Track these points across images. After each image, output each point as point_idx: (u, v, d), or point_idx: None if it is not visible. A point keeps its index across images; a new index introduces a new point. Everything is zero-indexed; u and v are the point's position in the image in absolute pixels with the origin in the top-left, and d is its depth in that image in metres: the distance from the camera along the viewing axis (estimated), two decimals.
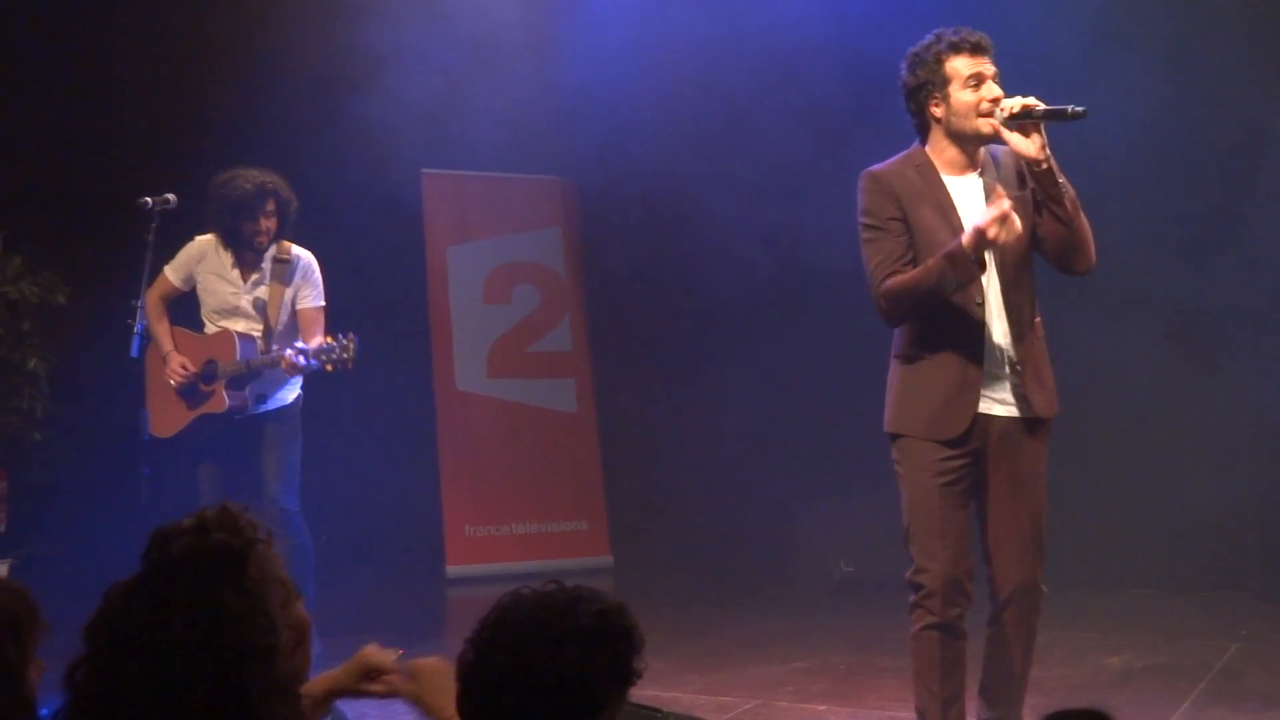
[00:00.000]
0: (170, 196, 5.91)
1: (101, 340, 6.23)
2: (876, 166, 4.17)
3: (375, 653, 2.67)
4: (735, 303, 8.47)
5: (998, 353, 4.04)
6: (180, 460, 6.15)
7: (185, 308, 6.31)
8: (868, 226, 4.10)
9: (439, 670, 2.55)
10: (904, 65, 4.11)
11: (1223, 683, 5.57)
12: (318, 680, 2.61)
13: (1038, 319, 4.12)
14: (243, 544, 1.98)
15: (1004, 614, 4.10)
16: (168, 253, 6.09)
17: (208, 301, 6.19)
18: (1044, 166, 3.91)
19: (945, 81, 4.01)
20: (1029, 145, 3.89)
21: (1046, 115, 3.87)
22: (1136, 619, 6.82)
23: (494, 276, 9.09)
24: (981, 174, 4.10)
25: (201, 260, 6.20)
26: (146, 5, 8.52)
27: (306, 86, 8.09)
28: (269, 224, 6.09)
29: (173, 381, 6.06)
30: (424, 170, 8.96)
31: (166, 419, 6.15)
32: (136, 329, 5.62)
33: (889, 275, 4.04)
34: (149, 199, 5.86)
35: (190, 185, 6.29)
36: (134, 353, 5.63)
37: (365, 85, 7.91)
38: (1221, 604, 7.04)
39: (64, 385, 7.79)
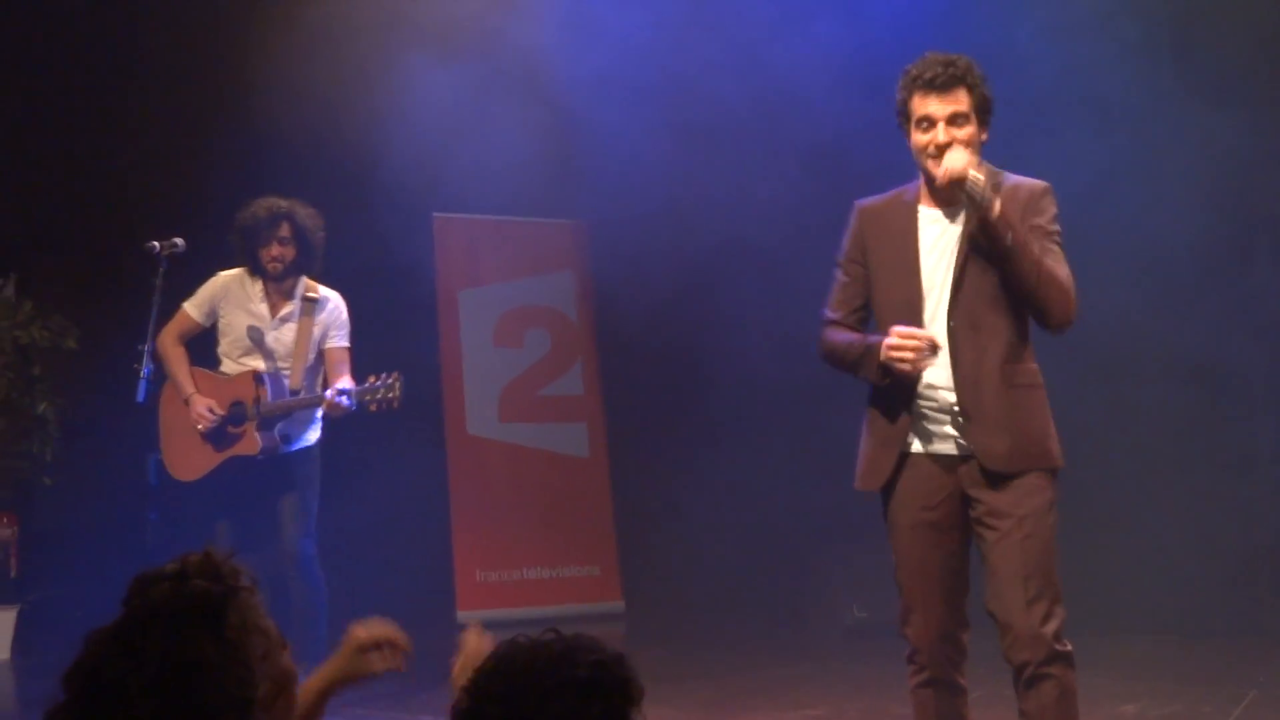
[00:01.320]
0: (178, 241, 5.89)
1: (111, 385, 6.22)
2: (865, 200, 4.09)
3: (365, 628, 2.59)
4: (749, 346, 8.43)
5: (939, 399, 3.82)
6: (197, 503, 6.05)
7: (198, 346, 6.24)
8: (836, 263, 4.10)
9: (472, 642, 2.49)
10: None
11: None
12: (309, 682, 2.54)
13: (1023, 365, 3.82)
14: (223, 591, 1.95)
15: (1017, 671, 3.78)
16: (176, 297, 6.07)
17: (229, 335, 6.11)
18: (990, 220, 3.70)
19: (907, 118, 3.87)
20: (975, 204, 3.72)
21: (969, 197, 3.72)
22: (1153, 665, 6.74)
23: (505, 320, 9.09)
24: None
25: (226, 294, 6.14)
26: (156, 51, 8.57)
27: (317, 130, 8.11)
28: (283, 250, 6.06)
29: (200, 427, 5.97)
30: (435, 214, 8.98)
31: (189, 462, 6.04)
32: (143, 374, 5.60)
33: (827, 324, 4.05)
34: (156, 243, 5.84)
35: (199, 230, 6.29)
36: (140, 398, 5.60)
37: (376, 129, 7.94)
38: (1239, 649, 6.95)
39: (73, 430, 7.79)
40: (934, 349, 3.76)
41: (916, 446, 3.88)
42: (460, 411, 8.85)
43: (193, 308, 6.15)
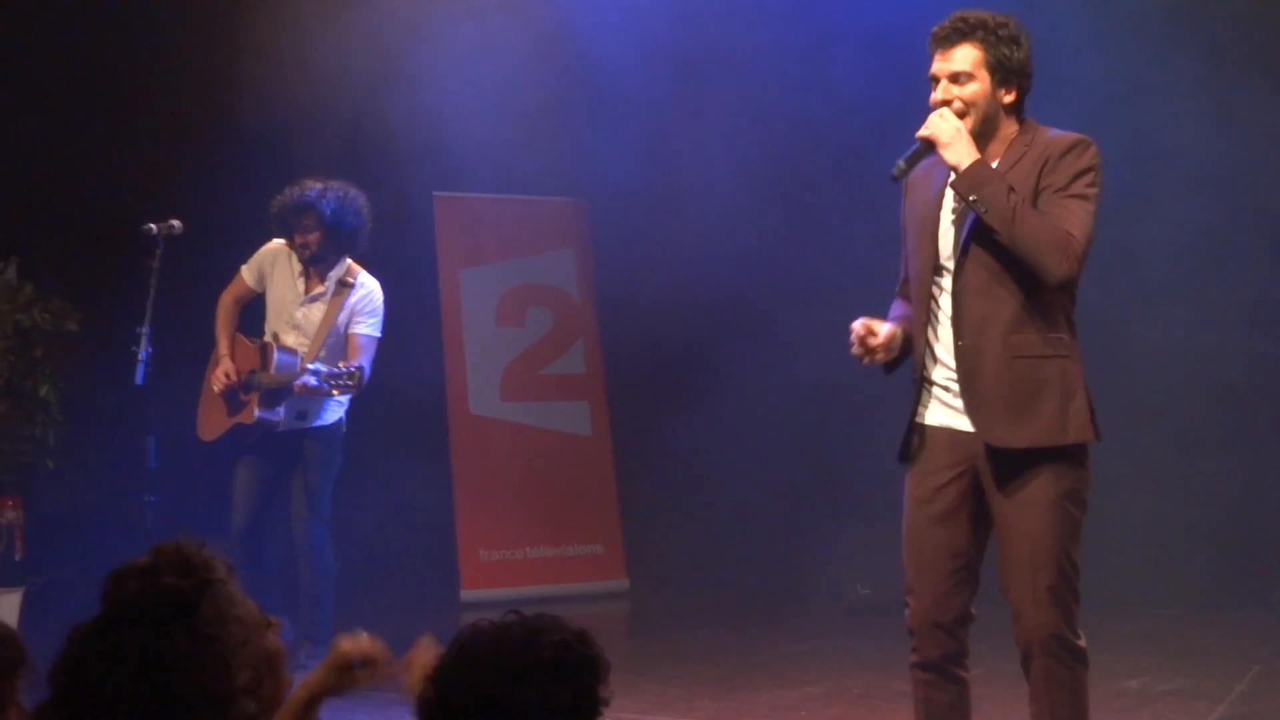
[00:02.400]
0: (175, 223, 5.92)
1: (111, 367, 6.23)
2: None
3: (352, 643, 2.57)
4: (752, 324, 8.41)
5: (947, 369, 3.76)
6: (219, 480, 6.35)
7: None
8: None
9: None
10: None
11: (1244, 705, 5.49)
12: (297, 689, 2.53)
13: (1036, 335, 3.66)
14: (194, 585, 1.94)
15: (1024, 662, 3.71)
16: (174, 279, 6.07)
17: (270, 305, 6.37)
18: (955, 177, 3.65)
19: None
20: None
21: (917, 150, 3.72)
22: (1157, 640, 6.74)
23: (507, 299, 9.06)
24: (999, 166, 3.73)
25: (274, 263, 6.39)
26: (156, 32, 8.54)
27: (317, 111, 8.09)
28: (307, 238, 6.23)
29: (215, 387, 6.25)
30: (436, 193, 8.95)
31: (209, 423, 6.38)
32: (141, 356, 5.62)
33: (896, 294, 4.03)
34: (154, 225, 5.88)
35: (200, 211, 6.31)
36: (139, 380, 5.62)
37: (375, 109, 7.91)
38: (1244, 624, 6.96)
39: (75, 413, 7.78)
40: (866, 342, 3.76)
41: (931, 419, 3.81)
42: (462, 391, 8.84)
43: (246, 270, 6.43)
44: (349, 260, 6.37)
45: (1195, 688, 5.75)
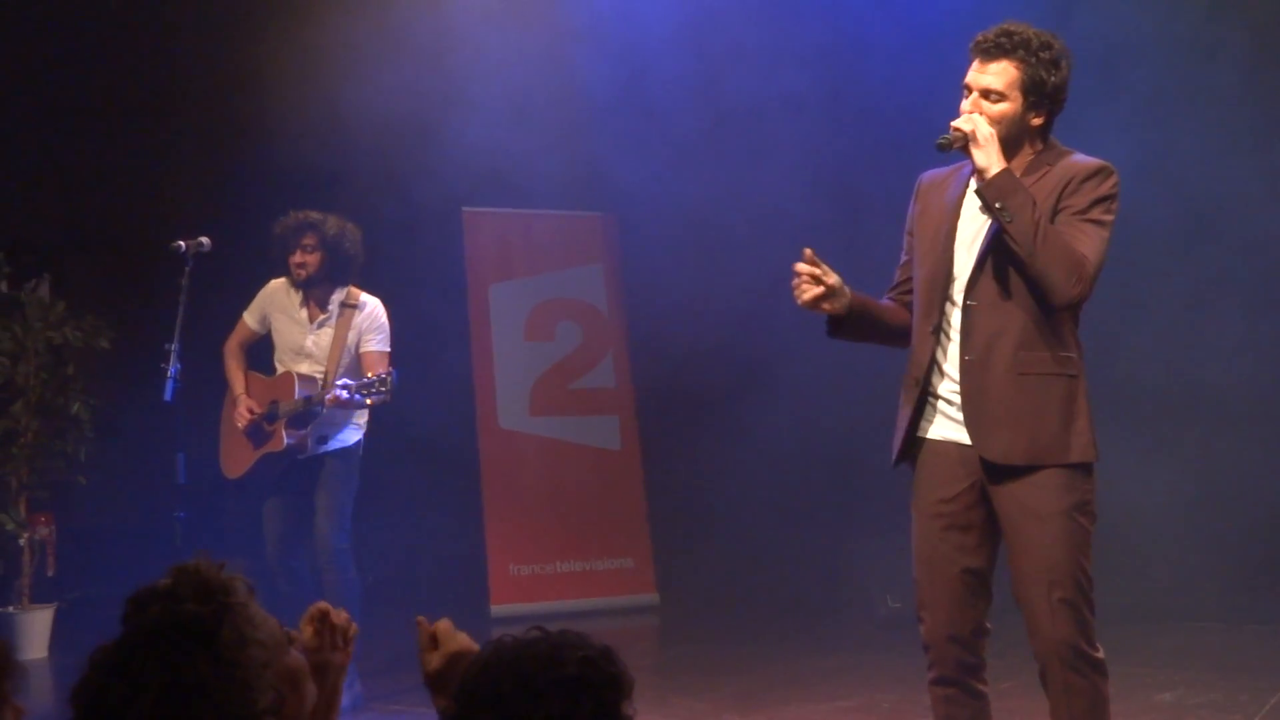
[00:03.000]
0: (204, 240, 5.94)
1: (141, 384, 6.26)
2: (928, 172, 3.98)
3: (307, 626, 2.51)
4: (780, 336, 8.39)
5: (953, 382, 3.73)
6: (243, 497, 6.41)
7: (261, 354, 6.53)
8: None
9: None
10: None
11: (1277, 718, 5.43)
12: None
13: (1044, 354, 3.63)
14: (214, 610, 1.93)
15: (1042, 675, 3.67)
16: (203, 296, 6.10)
17: (278, 343, 6.42)
18: (981, 182, 3.61)
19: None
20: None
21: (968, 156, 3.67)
22: (1191, 654, 6.67)
23: (536, 314, 9.07)
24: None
25: (273, 301, 6.43)
26: (187, 52, 8.60)
27: (347, 128, 8.12)
28: (307, 258, 6.25)
29: (239, 424, 6.30)
30: (465, 208, 8.97)
31: (235, 460, 6.42)
32: (170, 373, 5.64)
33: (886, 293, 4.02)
34: (183, 243, 5.91)
35: (231, 230, 6.35)
36: (168, 397, 5.65)
37: (405, 125, 7.94)
38: (1277, 637, 6.87)
39: (106, 429, 7.82)
40: (813, 273, 3.76)
41: (935, 433, 3.77)
42: (492, 405, 8.84)
43: (248, 316, 6.50)
44: (348, 287, 6.39)
45: (1229, 701, 5.69)
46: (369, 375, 5.98)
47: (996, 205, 3.57)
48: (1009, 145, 3.68)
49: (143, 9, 8.51)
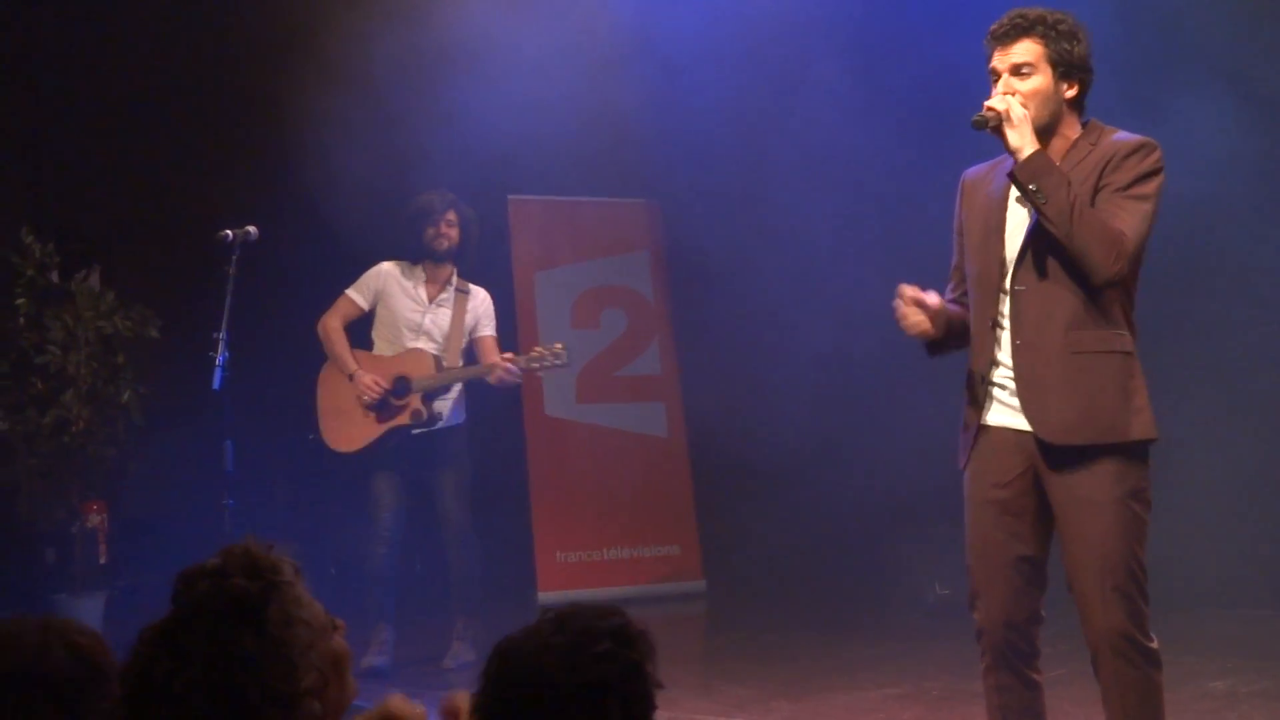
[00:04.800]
0: (251, 229, 5.97)
1: (190, 373, 6.30)
2: (971, 169, 3.99)
3: (400, 705, 2.54)
4: (827, 321, 8.35)
5: (1008, 369, 3.71)
6: (362, 469, 6.65)
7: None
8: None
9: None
10: None
11: None
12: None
13: (1097, 332, 3.61)
14: (262, 587, 1.95)
15: (1094, 664, 3.65)
16: (250, 285, 6.12)
17: (387, 320, 6.65)
18: (1015, 162, 3.61)
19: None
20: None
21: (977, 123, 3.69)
22: (1246, 641, 6.60)
23: (582, 301, 9.07)
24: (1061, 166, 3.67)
25: (388, 279, 6.69)
26: (238, 42, 8.64)
27: (391, 115, 8.14)
28: (449, 231, 6.64)
29: (367, 398, 6.48)
30: (510, 196, 8.98)
31: (350, 435, 6.59)
32: (219, 361, 5.68)
33: (947, 296, 3.97)
34: (230, 232, 5.94)
35: (278, 219, 6.39)
36: (216, 385, 5.68)
37: (450, 113, 7.94)
38: None
39: (156, 418, 7.88)
40: (919, 301, 3.72)
41: (990, 420, 3.76)
42: (538, 393, 8.85)
43: (356, 293, 6.71)
44: (455, 273, 6.74)
45: None
46: (536, 350, 6.45)
47: (1030, 187, 3.57)
48: (1050, 121, 3.69)
49: (190, 2, 8.56)
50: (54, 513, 7.66)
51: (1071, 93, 3.71)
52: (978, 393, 3.78)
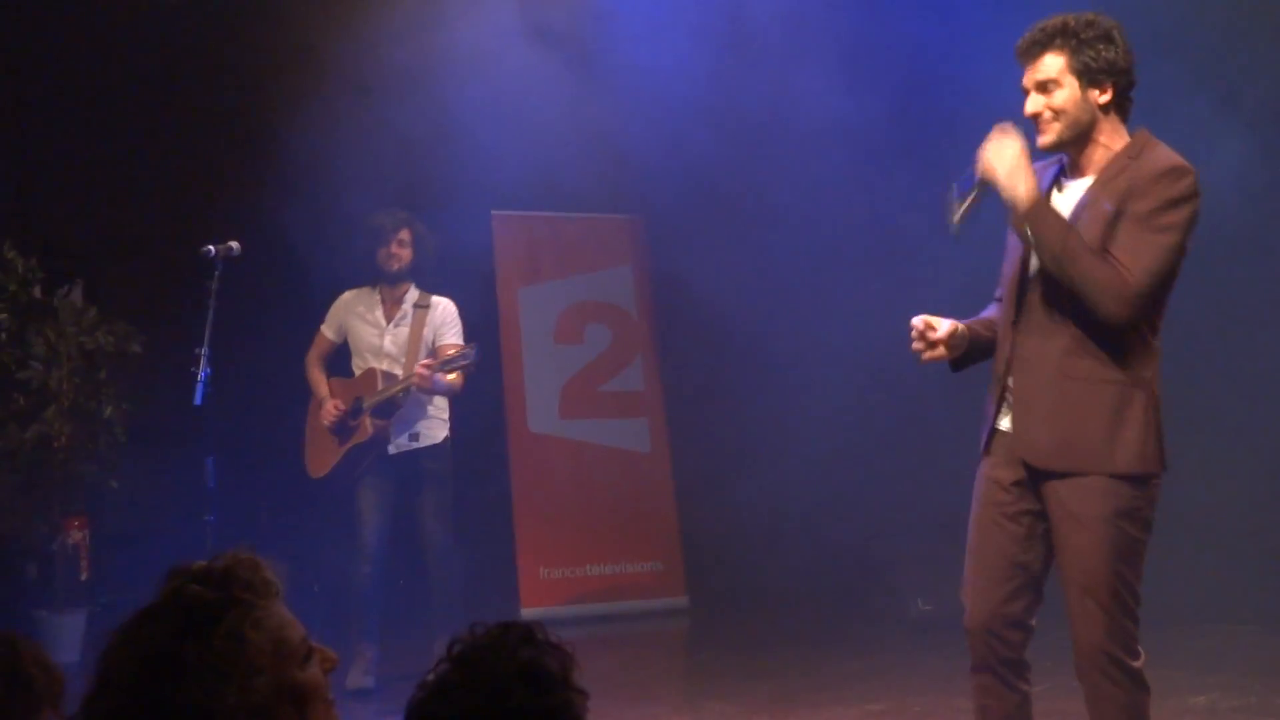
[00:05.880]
0: (234, 244, 5.97)
1: (173, 388, 6.28)
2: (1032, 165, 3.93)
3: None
4: (810, 338, 8.37)
5: (1009, 381, 3.74)
6: (338, 495, 6.71)
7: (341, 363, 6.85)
8: None
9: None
10: None
11: None
12: None
13: (1093, 361, 3.58)
14: (220, 600, 1.91)
15: (1078, 676, 3.67)
16: (233, 301, 6.12)
17: (355, 347, 6.73)
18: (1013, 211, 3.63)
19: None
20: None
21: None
22: (1228, 657, 6.62)
23: (565, 316, 9.07)
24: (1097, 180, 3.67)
25: (348, 308, 6.77)
26: (215, 57, 8.63)
27: (375, 131, 8.13)
28: (401, 251, 6.64)
29: (326, 422, 6.61)
30: (494, 211, 8.98)
31: (320, 460, 6.73)
32: (201, 377, 5.67)
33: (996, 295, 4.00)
34: (212, 247, 5.94)
35: (259, 234, 6.39)
36: (198, 401, 5.67)
37: (433, 127, 7.94)
38: None
39: (138, 433, 7.86)
40: (926, 336, 3.74)
41: (1003, 424, 3.77)
42: (521, 408, 8.85)
43: (326, 327, 6.84)
44: (416, 288, 6.75)
45: (1263, 705, 5.65)
46: (450, 352, 6.40)
47: (1026, 231, 3.61)
48: (1083, 130, 3.66)
49: (175, 16, 8.54)
50: (35, 529, 7.62)
51: (1105, 97, 3.65)
52: (995, 392, 3.80)
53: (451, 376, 6.37)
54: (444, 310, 6.72)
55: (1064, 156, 3.77)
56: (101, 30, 8.50)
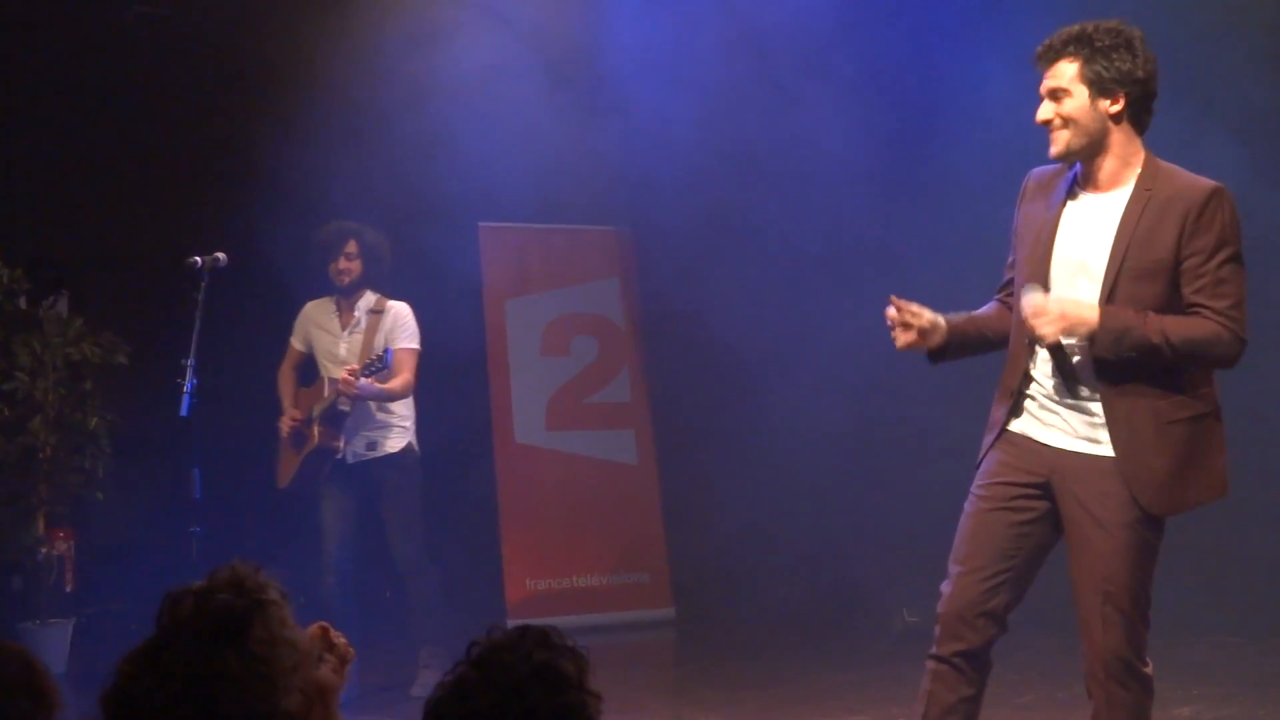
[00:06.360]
0: (220, 255, 5.99)
1: (159, 399, 6.29)
2: (1039, 168, 3.93)
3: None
4: (797, 350, 8.39)
5: (1051, 389, 3.70)
6: (279, 508, 6.86)
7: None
8: None
9: None
10: None
11: None
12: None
13: (1189, 396, 3.63)
14: (247, 605, 1.94)
15: (1088, 683, 3.67)
16: (219, 311, 6.13)
17: (318, 356, 6.75)
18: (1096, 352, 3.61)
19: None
20: None
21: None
22: (1213, 668, 6.63)
23: (552, 328, 9.08)
24: (1128, 195, 3.65)
25: (310, 318, 6.79)
26: (202, 71, 8.64)
27: (364, 143, 8.15)
28: (349, 265, 6.61)
29: (283, 432, 6.67)
30: (481, 224, 8.98)
31: (284, 469, 6.76)
32: (187, 388, 5.68)
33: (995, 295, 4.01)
34: (198, 258, 5.96)
35: (247, 246, 6.41)
36: (184, 412, 5.68)
37: (420, 140, 7.96)
38: None
39: (124, 444, 7.85)
40: (904, 318, 3.76)
41: (1016, 427, 3.77)
42: (508, 420, 8.85)
43: (293, 339, 6.88)
44: (373, 294, 6.72)
45: (1245, 715, 5.67)
46: (370, 356, 6.35)
47: (1117, 354, 3.56)
48: (1094, 140, 3.66)
49: (163, 28, 8.55)
50: (20, 540, 7.59)
51: (1115, 107, 3.63)
52: (1007, 400, 3.79)
53: (367, 380, 6.29)
54: (396, 315, 6.66)
55: (1078, 166, 3.75)
56: (88, 41, 8.51)
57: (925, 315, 3.82)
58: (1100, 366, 3.61)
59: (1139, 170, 3.65)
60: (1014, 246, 3.94)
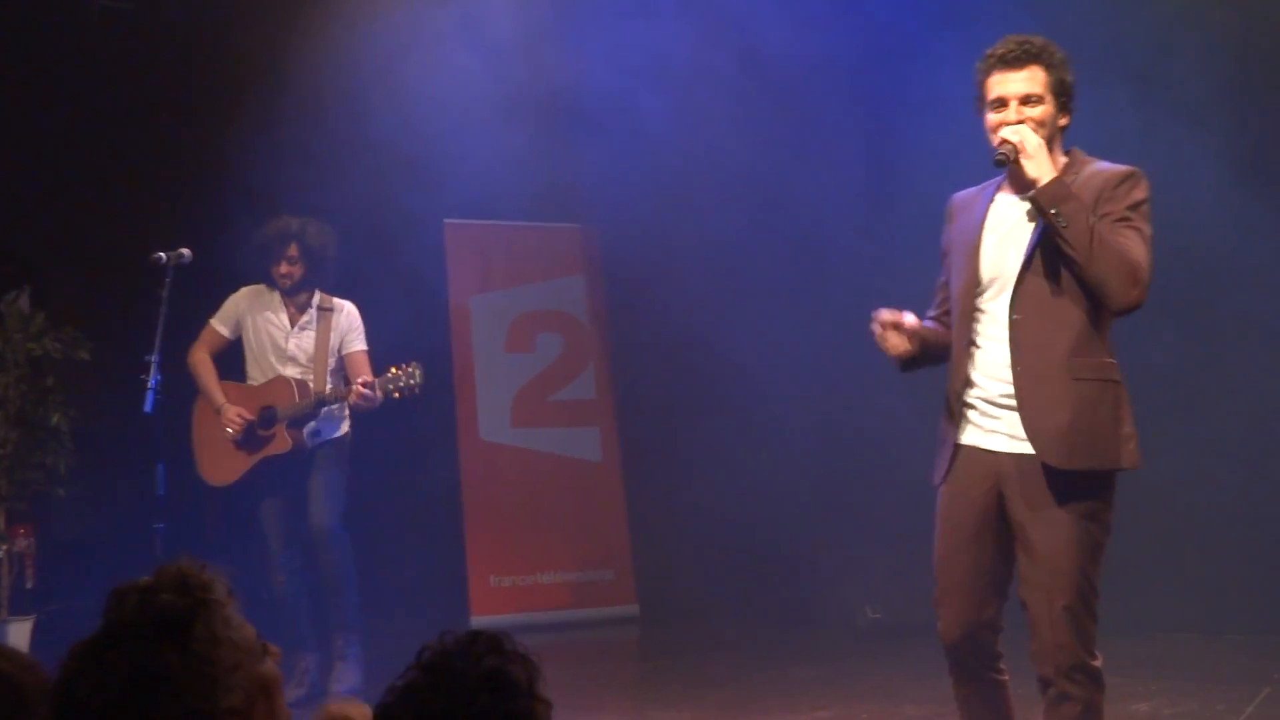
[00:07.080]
0: (185, 251, 5.96)
1: (121, 396, 6.26)
2: (959, 193, 4.06)
3: (340, 709, 2.54)
4: (761, 347, 8.42)
5: (988, 390, 3.79)
6: (242, 503, 6.65)
7: (227, 361, 6.72)
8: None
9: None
10: None
11: None
12: None
13: (1094, 359, 3.69)
14: (190, 605, 1.94)
15: (1039, 681, 3.75)
16: (183, 308, 6.10)
17: (254, 347, 6.59)
18: (1036, 189, 3.66)
19: (983, 99, 3.81)
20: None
21: (1013, 164, 3.73)
22: (1168, 664, 6.69)
23: (517, 325, 9.08)
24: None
25: (249, 306, 6.63)
26: (166, 65, 8.59)
27: (328, 138, 8.13)
28: (291, 269, 6.51)
29: (230, 430, 6.46)
30: (446, 220, 8.97)
31: (222, 468, 6.59)
32: (150, 384, 5.65)
33: (928, 315, 4.05)
34: (163, 254, 5.92)
35: (211, 240, 6.39)
36: (147, 408, 5.65)
37: (385, 136, 7.95)
38: (1255, 647, 6.90)
39: (86, 441, 7.80)
40: (895, 321, 3.80)
41: (965, 439, 3.84)
42: (473, 417, 8.85)
43: (219, 323, 6.66)
44: (318, 291, 6.65)
45: (1204, 710, 5.72)
46: (391, 371, 6.23)
47: (1052, 211, 3.62)
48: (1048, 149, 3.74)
49: (123, 22, 8.50)
50: None
51: (1064, 122, 3.79)
52: (954, 410, 3.86)
53: (396, 395, 6.21)
54: (348, 315, 6.61)
55: (1001, 177, 3.87)
56: (52, 34, 8.45)
57: (911, 318, 3.89)
58: (1022, 333, 3.71)
59: (1063, 169, 3.76)
60: (944, 267, 4.05)
